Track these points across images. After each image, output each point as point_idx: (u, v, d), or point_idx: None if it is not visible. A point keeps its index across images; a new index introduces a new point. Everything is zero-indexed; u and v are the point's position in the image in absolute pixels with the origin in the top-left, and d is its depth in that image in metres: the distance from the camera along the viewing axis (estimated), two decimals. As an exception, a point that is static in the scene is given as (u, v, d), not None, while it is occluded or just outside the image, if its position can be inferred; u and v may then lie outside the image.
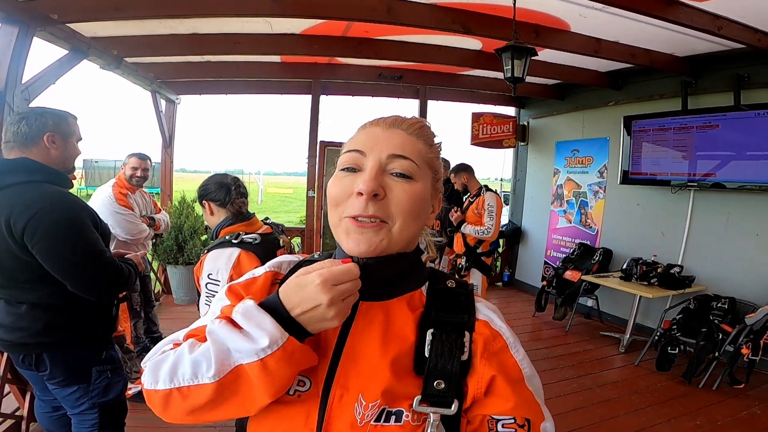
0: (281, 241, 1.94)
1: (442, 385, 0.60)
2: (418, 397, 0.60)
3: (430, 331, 0.63)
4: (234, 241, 1.74)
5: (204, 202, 1.89)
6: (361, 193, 0.61)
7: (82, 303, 1.57)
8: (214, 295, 1.63)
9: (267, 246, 1.80)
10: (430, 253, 0.76)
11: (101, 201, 3.07)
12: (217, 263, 1.68)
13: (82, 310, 1.59)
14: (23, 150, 1.53)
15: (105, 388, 1.69)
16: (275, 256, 0.88)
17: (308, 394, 0.63)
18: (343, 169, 0.66)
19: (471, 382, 0.63)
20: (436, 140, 0.73)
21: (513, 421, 0.63)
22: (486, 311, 0.68)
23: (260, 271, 0.74)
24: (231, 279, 1.58)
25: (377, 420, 0.60)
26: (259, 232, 1.86)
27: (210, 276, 1.67)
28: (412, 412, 0.60)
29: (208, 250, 1.76)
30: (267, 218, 2.05)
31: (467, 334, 0.63)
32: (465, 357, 0.62)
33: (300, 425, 0.62)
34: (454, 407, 0.60)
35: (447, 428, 0.61)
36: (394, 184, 0.63)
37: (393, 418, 0.60)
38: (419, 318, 0.65)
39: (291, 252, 2.03)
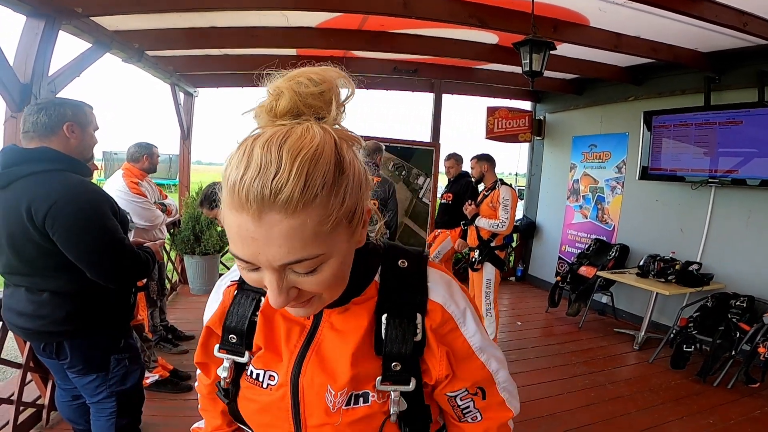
0: None
1: (399, 367, 0.64)
2: (379, 378, 0.65)
3: (384, 316, 0.65)
4: None
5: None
6: None
7: (101, 291, 1.59)
8: None
9: None
10: (378, 228, 0.70)
11: (115, 192, 3.11)
12: None
13: (102, 298, 1.61)
14: (43, 140, 1.55)
15: (123, 377, 1.71)
16: None
17: (278, 387, 0.68)
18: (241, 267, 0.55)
19: (430, 362, 0.68)
20: (344, 95, 0.58)
21: (466, 392, 0.72)
22: (438, 289, 0.68)
23: (219, 296, 0.76)
24: None
25: (347, 404, 0.65)
26: None
27: None
28: (376, 391, 0.66)
29: None
30: None
31: (419, 316, 0.65)
32: (418, 338, 0.65)
33: (280, 413, 0.68)
34: (411, 384, 0.65)
35: (410, 401, 0.67)
36: (302, 280, 0.53)
37: (361, 399, 0.66)
38: (374, 305, 0.66)
39: None
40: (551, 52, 3.01)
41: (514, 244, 6.23)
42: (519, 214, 6.52)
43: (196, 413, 0.91)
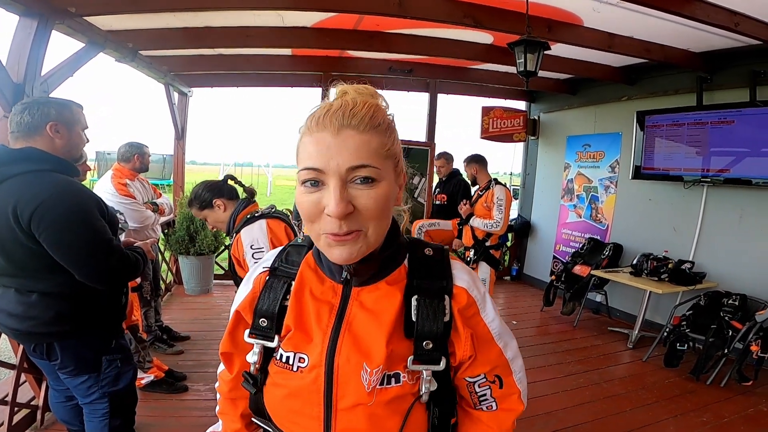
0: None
1: (430, 345, 0.68)
2: (411, 357, 0.68)
3: (415, 297, 0.70)
4: (256, 215, 1.96)
5: (217, 202, 2.06)
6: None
7: (91, 292, 1.57)
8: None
9: (279, 213, 2.04)
10: (405, 220, 0.80)
11: (103, 194, 3.06)
12: (253, 234, 1.88)
13: (92, 299, 1.59)
14: (28, 140, 1.53)
15: (115, 378, 1.70)
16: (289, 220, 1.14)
17: (309, 369, 0.70)
18: (304, 183, 0.64)
19: (456, 343, 0.73)
20: (389, 112, 0.71)
21: (484, 378, 0.77)
22: (462, 276, 0.74)
23: (249, 285, 0.80)
24: (271, 243, 1.85)
25: (381, 384, 0.68)
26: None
27: (253, 246, 1.86)
28: (407, 372, 0.69)
29: (237, 231, 1.94)
30: (272, 206, 2.13)
31: (447, 297, 0.71)
32: (447, 318, 0.70)
33: (310, 396, 0.69)
34: (442, 363, 0.69)
35: (439, 381, 0.70)
36: (360, 194, 0.62)
37: (393, 380, 0.68)
38: (404, 288, 0.71)
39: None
40: (545, 52, 3.02)
41: (509, 244, 6.26)
42: (514, 214, 6.55)
43: (192, 413, 0.92)
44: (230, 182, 2.15)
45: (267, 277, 0.77)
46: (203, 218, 2.11)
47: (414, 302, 0.69)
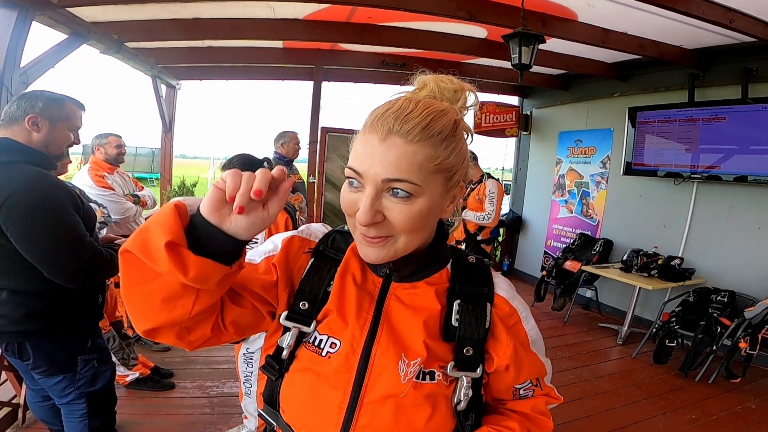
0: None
1: (471, 352, 0.68)
2: (451, 363, 0.68)
3: (457, 301, 0.70)
4: None
5: None
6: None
7: (64, 290, 1.50)
8: (255, 242, 1.76)
9: (288, 203, 1.97)
10: (455, 226, 0.80)
11: (83, 187, 3.00)
12: None
13: (66, 297, 1.53)
14: (7, 130, 1.48)
15: (92, 378, 1.65)
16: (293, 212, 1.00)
17: (341, 356, 0.68)
18: (348, 179, 0.64)
19: (493, 350, 0.72)
20: (470, 100, 0.69)
21: (530, 384, 0.79)
22: (503, 285, 0.75)
23: (289, 236, 0.78)
24: (268, 231, 1.74)
25: (417, 378, 0.67)
26: None
27: None
28: (442, 373, 0.68)
29: None
30: None
31: (488, 305, 0.71)
32: (487, 326, 0.70)
33: (338, 383, 0.67)
34: (479, 371, 0.69)
35: (474, 389, 0.70)
36: (393, 206, 0.61)
37: (428, 377, 0.67)
38: (446, 291, 0.72)
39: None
40: (539, 46, 3.00)
41: (500, 239, 6.27)
42: (506, 209, 6.56)
43: (178, 411, 0.88)
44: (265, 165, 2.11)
45: (312, 260, 0.74)
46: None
47: (456, 306, 0.70)
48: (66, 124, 1.58)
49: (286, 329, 0.71)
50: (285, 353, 0.70)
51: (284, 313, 0.71)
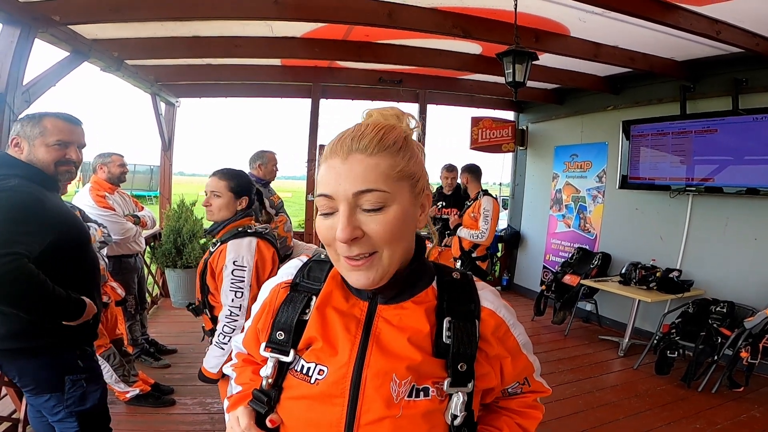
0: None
1: (465, 368, 0.69)
2: (448, 380, 0.68)
3: (447, 319, 0.70)
4: (249, 231, 1.86)
5: (245, 196, 1.95)
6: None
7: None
8: (241, 281, 1.77)
9: (271, 236, 1.94)
10: (434, 241, 0.83)
11: (84, 207, 3.01)
12: (240, 251, 1.79)
13: (50, 317, 1.46)
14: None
15: (80, 397, 1.60)
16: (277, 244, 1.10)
17: (330, 381, 0.68)
18: (321, 213, 0.67)
19: (486, 363, 0.73)
20: (412, 124, 0.73)
21: (518, 384, 0.82)
22: (488, 297, 0.76)
23: (269, 289, 0.82)
24: (255, 265, 1.78)
25: (409, 396, 0.67)
26: (261, 223, 2.00)
27: (236, 263, 1.77)
28: (437, 389, 0.69)
29: (223, 242, 1.85)
30: (267, 225, 2.08)
31: (476, 322, 0.72)
32: (476, 342, 0.71)
33: (332, 408, 0.67)
34: (470, 386, 0.70)
35: (467, 404, 0.71)
36: (369, 220, 0.64)
37: (422, 393, 0.68)
38: (434, 309, 0.72)
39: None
40: (533, 62, 3.05)
41: (499, 254, 6.27)
42: (503, 224, 6.58)
43: (179, 427, 0.88)
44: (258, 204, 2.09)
45: (288, 293, 0.77)
46: (216, 191, 1.89)
47: (446, 323, 0.70)
48: (43, 141, 1.53)
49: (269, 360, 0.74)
50: (265, 384, 0.73)
51: (263, 344, 0.75)
